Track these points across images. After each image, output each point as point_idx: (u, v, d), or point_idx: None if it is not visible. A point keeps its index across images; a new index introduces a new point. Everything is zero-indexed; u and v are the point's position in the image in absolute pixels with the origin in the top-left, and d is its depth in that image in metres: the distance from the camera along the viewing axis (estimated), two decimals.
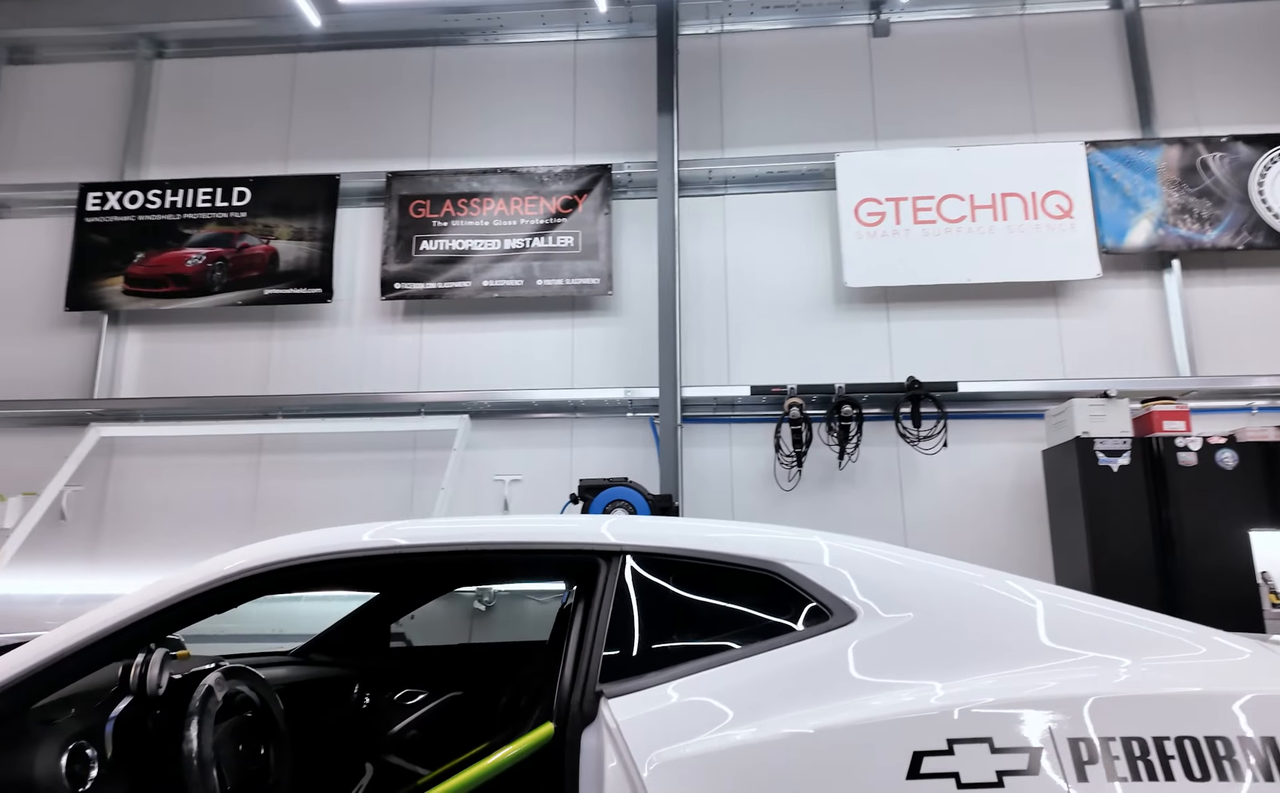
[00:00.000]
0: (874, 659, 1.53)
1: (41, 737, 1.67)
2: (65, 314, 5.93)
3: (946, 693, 1.44)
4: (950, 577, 1.67)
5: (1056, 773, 1.33)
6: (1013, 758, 1.34)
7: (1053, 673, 1.47)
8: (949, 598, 1.61)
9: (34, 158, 6.32)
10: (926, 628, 1.56)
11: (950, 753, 1.35)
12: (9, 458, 5.80)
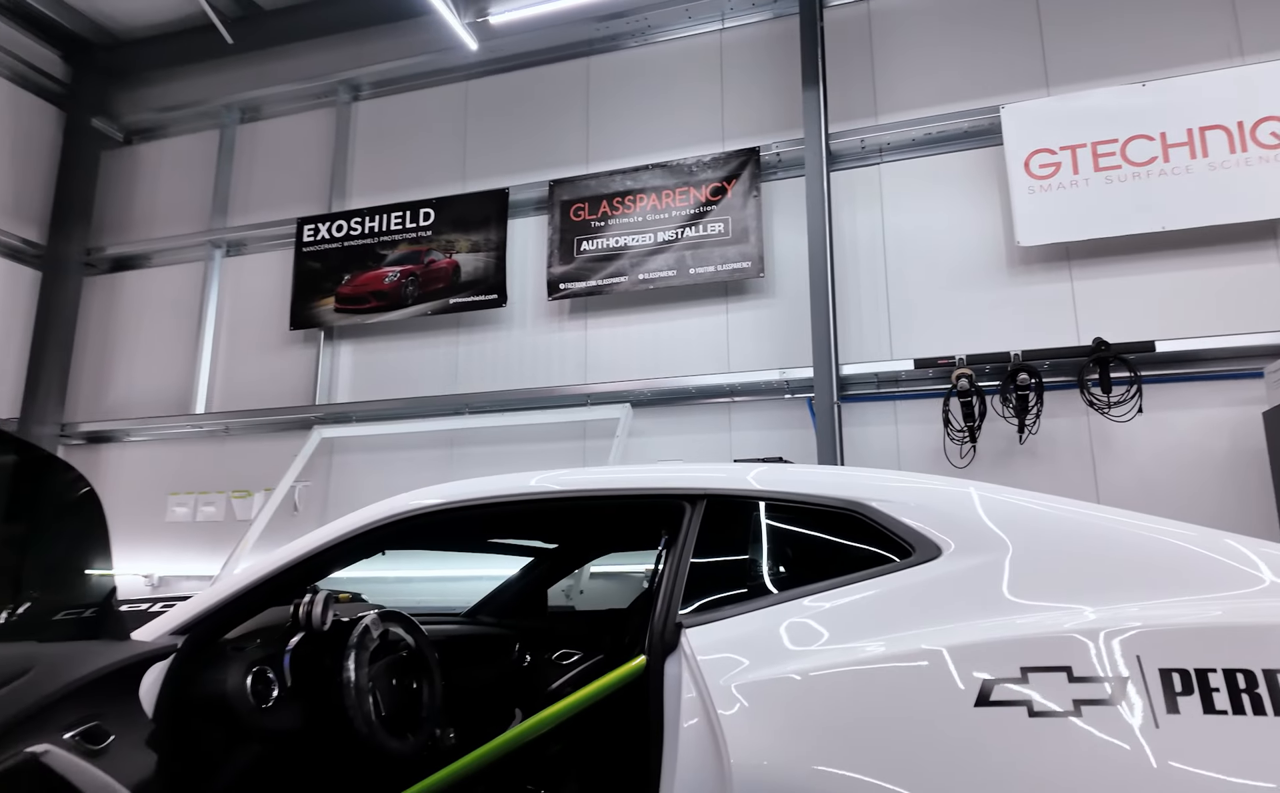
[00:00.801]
0: (954, 594, 1.49)
1: (233, 660, 2.00)
2: (290, 332, 6.88)
3: (1024, 623, 1.38)
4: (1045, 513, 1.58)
5: (1142, 703, 1.24)
6: (1092, 687, 1.27)
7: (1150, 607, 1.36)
8: (1040, 534, 1.54)
9: (263, 200, 7.37)
10: (1012, 564, 1.50)
11: (1023, 681, 1.30)
12: (251, 459, 6.80)
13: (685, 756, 1.49)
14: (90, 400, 7.42)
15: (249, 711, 1.94)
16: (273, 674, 2.06)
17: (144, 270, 7.60)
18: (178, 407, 7.07)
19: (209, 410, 6.96)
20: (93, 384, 7.46)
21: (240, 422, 6.80)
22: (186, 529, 6.71)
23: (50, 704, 1.52)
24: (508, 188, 6.45)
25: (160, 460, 7.02)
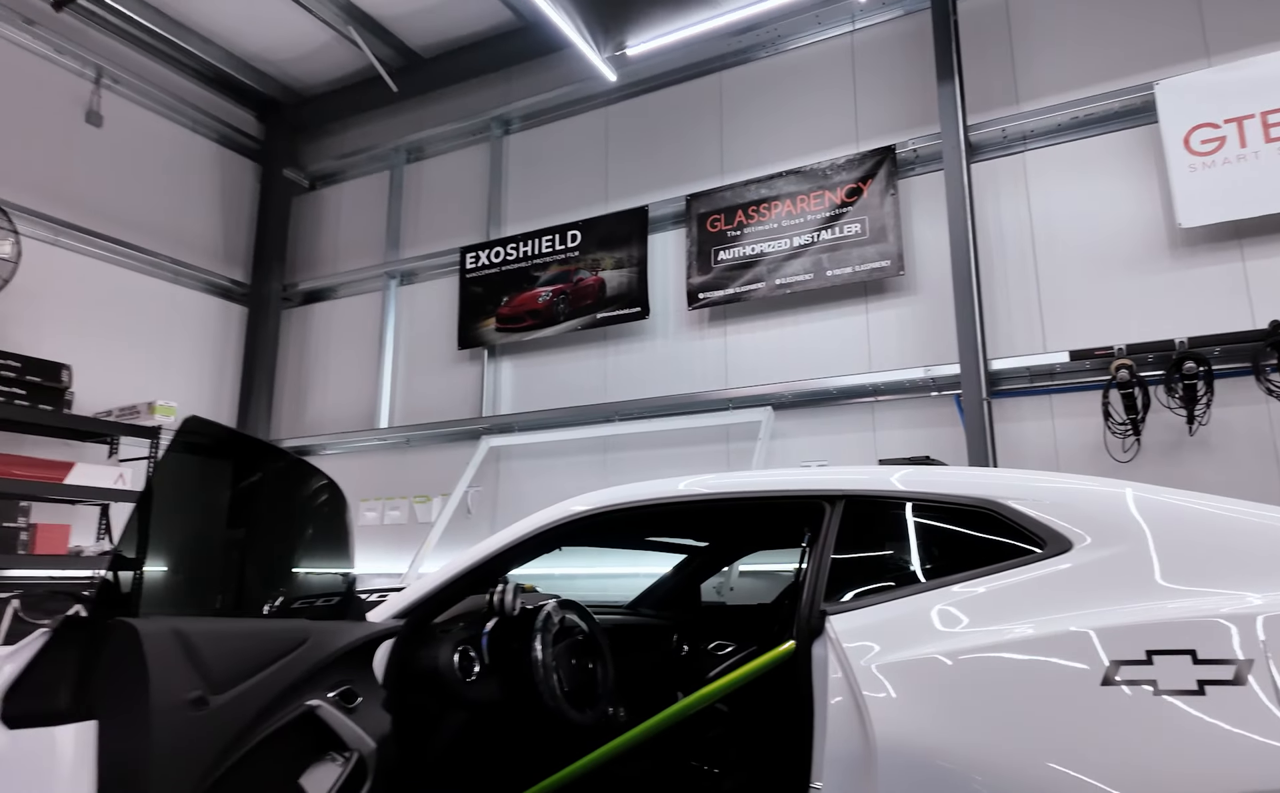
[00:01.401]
0: (1081, 584, 1.61)
1: (442, 640, 2.38)
2: (458, 351, 7.54)
3: (1150, 610, 1.48)
4: (1179, 508, 1.66)
5: (1269, 685, 1.32)
6: (1218, 669, 1.36)
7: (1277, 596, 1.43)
8: (1172, 529, 1.61)
9: (430, 232, 8.11)
10: (1142, 556, 1.59)
11: (1148, 663, 1.41)
12: (429, 467, 7.51)
13: (834, 730, 1.68)
14: (292, 418, 8.44)
15: (457, 683, 2.30)
16: (474, 653, 2.42)
17: (332, 301, 8.55)
18: (365, 422, 7.92)
19: (391, 424, 7.76)
20: (293, 404, 8.48)
21: (418, 434, 7.54)
22: (376, 532, 7.51)
23: (320, 669, 1.93)
24: (647, 205, 6.79)
25: (352, 470, 7.88)
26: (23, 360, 6.30)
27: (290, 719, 1.82)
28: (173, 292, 7.95)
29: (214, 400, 8.21)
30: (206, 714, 1.48)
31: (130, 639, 1.38)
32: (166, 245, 7.88)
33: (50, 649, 1.38)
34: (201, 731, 1.45)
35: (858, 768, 1.60)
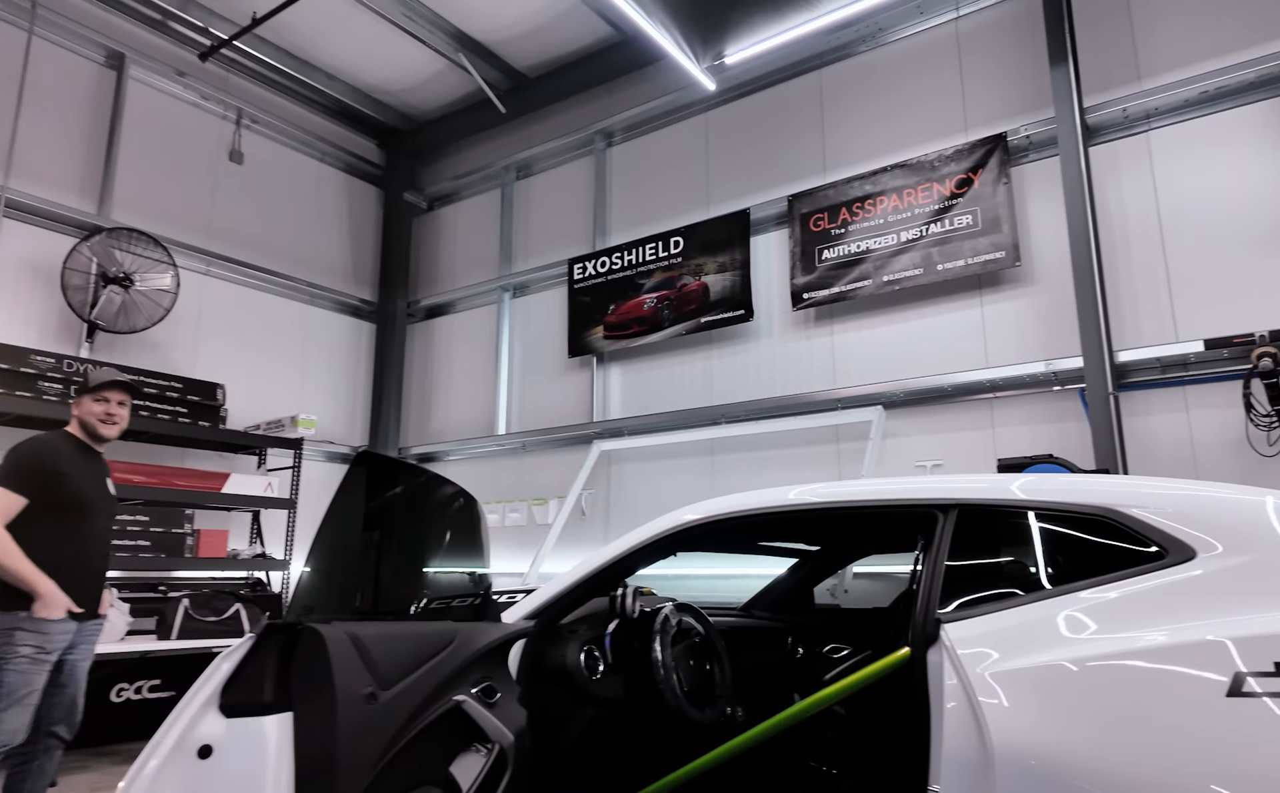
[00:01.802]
0: (1208, 593, 1.59)
1: (569, 640, 2.54)
2: (569, 359, 7.81)
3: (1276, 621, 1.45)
4: None
5: None
6: None
7: None
8: None
9: (539, 246, 8.42)
10: (1264, 566, 1.55)
11: (1276, 675, 1.39)
12: (545, 471, 7.81)
13: (950, 735, 1.72)
14: (418, 427, 8.95)
15: (584, 681, 2.46)
16: (598, 653, 2.57)
17: (451, 315, 9.02)
18: (484, 428, 8.32)
19: (509, 431, 8.12)
20: (420, 413, 8.99)
21: (534, 439, 7.86)
22: (497, 533, 7.87)
23: (465, 667, 2.12)
24: (749, 208, 6.83)
25: (474, 475, 8.29)
26: (184, 382, 6.99)
27: (441, 712, 2.01)
28: (309, 313, 8.59)
29: (348, 413, 8.82)
30: (377, 707, 1.68)
31: (316, 643, 1.60)
32: (303, 270, 8.53)
33: (255, 651, 1.62)
34: (374, 721, 1.66)
35: (975, 773, 1.64)
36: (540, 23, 7.59)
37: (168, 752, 1.49)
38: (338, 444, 8.60)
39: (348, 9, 7.31)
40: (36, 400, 5.99)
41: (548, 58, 8.11)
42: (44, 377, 6.11)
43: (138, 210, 7.21)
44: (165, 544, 6.46)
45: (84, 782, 4.89)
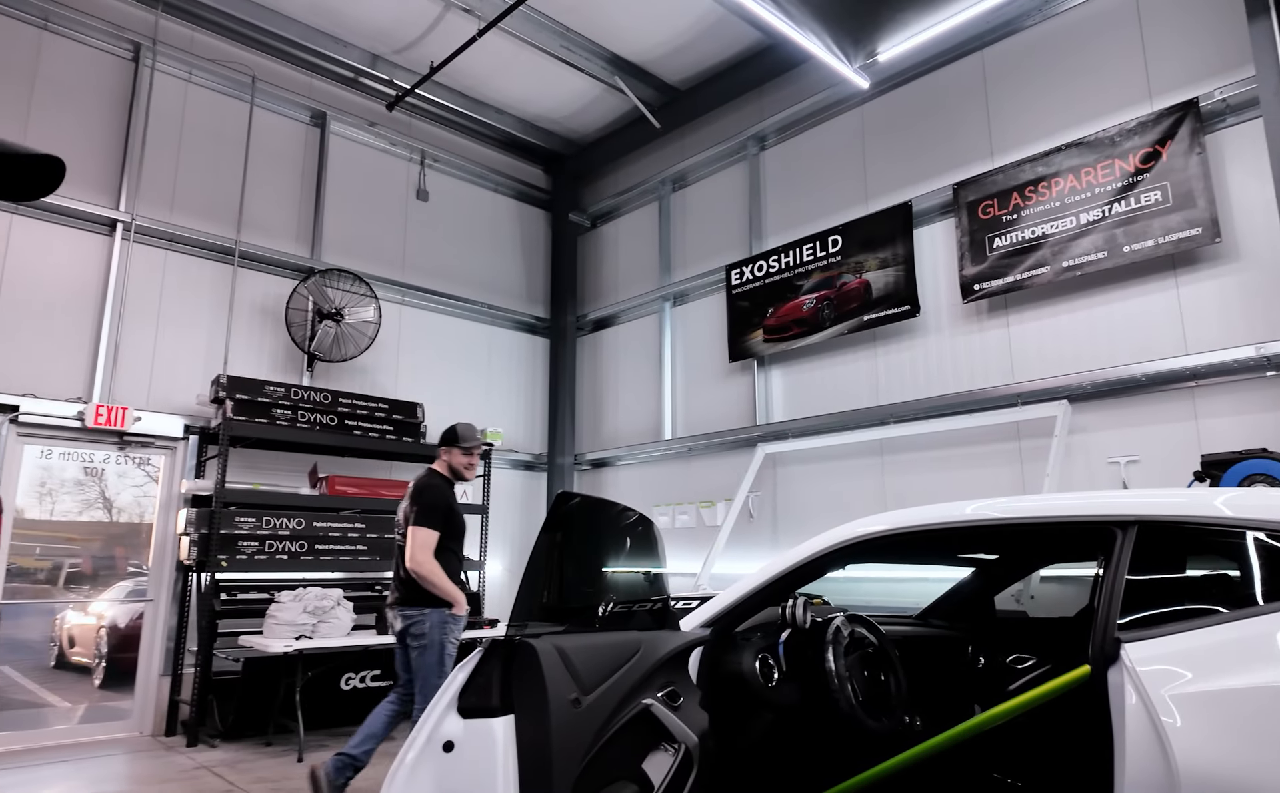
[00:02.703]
0: None
1: (744, 648, 2.69)
2: (729, 364, 7.96)
3: None
4: None
5: None
6: None
7: None
8: None
9: (697, 254, 8.63)
10: None
11: None
12: (711, 474, 8.01)
13: (1133, 755, 1.71)
14: (591, 434, 9.44)
15: (759, 687, 2.60)
16: (772, 661, 2.70)
17: (616, 327, 9.43)
18: (652, 434, 8.65)
19: (675, 435, 8.39)
20: (592, 421, 9.48)
21: (699, 443, 8.08)
22: (667, 534, 8.17)
23: (650, 673, 2.34)
24: (910, 200, 6.67)
25: (644, 479, 8.64)
26: (388, 402, 7.80)
27: (632, 715, 2.23)
28: (490, 332, 9.29)
29: (528, 423, 9.45)
30: (581, 710, 1.92)
31: (531, 656, 1.86)
32: (483, 293, 9.24)
33: (483, 663, 1.91)
34: (579, 722, 1.90)
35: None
36: (690, 38, 7.79)
37: (421, 746, 1.82)
38: (521, 452, 9.24)
39: (513, 49, 7.85)
40: (271, 425, 6.93)
41: (698, 70, 8.29)
42: (276, 404, 7.05)
43: (343, 251, 8.12)
44: (379, 549, 7.26)
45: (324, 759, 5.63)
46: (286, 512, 6.82)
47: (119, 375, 6.64)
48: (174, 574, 6.72)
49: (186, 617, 6.60)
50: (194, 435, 6.96)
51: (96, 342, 6.57)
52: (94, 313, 6.60)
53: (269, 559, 6.64)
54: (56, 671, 10.24)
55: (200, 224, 7.24)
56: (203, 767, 5.40)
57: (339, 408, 7.40)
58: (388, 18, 7.55)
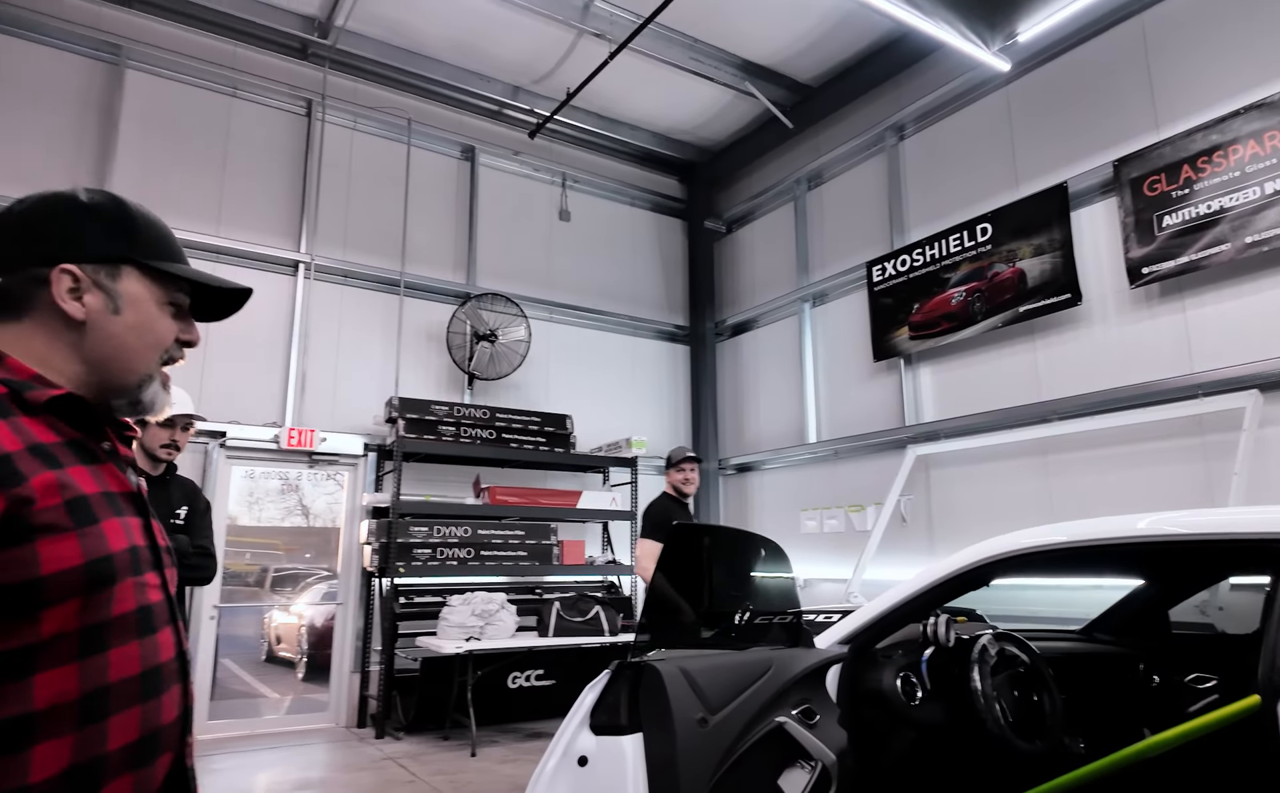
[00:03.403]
0: None
1: (884, 665, 2.68)
2: (874, 364, 7.76)
3: None
4: None
5: None
6: None
7: None
8: None
9: (835, 253, 8.47)
10: None
11: None
12: (859, 477, 7.85)
13: None
14: (734, 439, 9.49)
15: (901, 705, 2.58)
16: (915, 678, 2.67)
17: (755, 331, 9.44)
18: (795, 437, 8.59)
19: (820, 439, 8.29)
20: (734, 425, 9.53)
21: (845, 445, 7.94)
22: (817, 539, 8.09)
23: (783, 691, 2.39)
24: (1065, 181, 6.25)
25: (789, 483, 8.60)
26: (540, 416, 8.22)
27: (764, 733, 2.30)
28: (633, 343, 9.56)
29: (672, 430, 9.64)
30: (708, 730, 2.02)
31: (655, 678, 1.98)
32: (625, 305, 9.52)
33: (612, 683, 2.06)
34: (706, 741, 2.00)
35: None
36: (818, 35, 7.67)
37: (558, 758, 1.98)
38: None
39: (645, 67, 8.05)
40: (437, 441, 7.50)
41: (829, 66, 8.15)
42: (442, 421, 7.62)
43: (495, 275, 8.64)
44: (537, 554, 7.68)
45: (495, 754, 6.05)
46: (454, 521, 7.36)
47: (306, 400, 7.41)
48: (359, 579, 7.42)
49: (371, 618, 7.27)
50: (372, 453, 7.66)
51: (287, 371, 7.38)
52: (284, 346, 7.41)
53: (440, 565, 7.20)
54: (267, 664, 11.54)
55: (369, 259, 7.95)
56: (388, 758, 5.95)
57: (496, 423, 7.89)
58: (526, 51, 7.96)
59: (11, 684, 0.89)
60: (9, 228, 1.08)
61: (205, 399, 6.82)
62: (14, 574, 0.89)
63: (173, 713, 1.07)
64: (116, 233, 1.12)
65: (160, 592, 1.09)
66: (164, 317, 1.17)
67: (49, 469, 0.95)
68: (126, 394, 1.14)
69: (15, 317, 1.06)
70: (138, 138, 7.02)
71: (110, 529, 1.00)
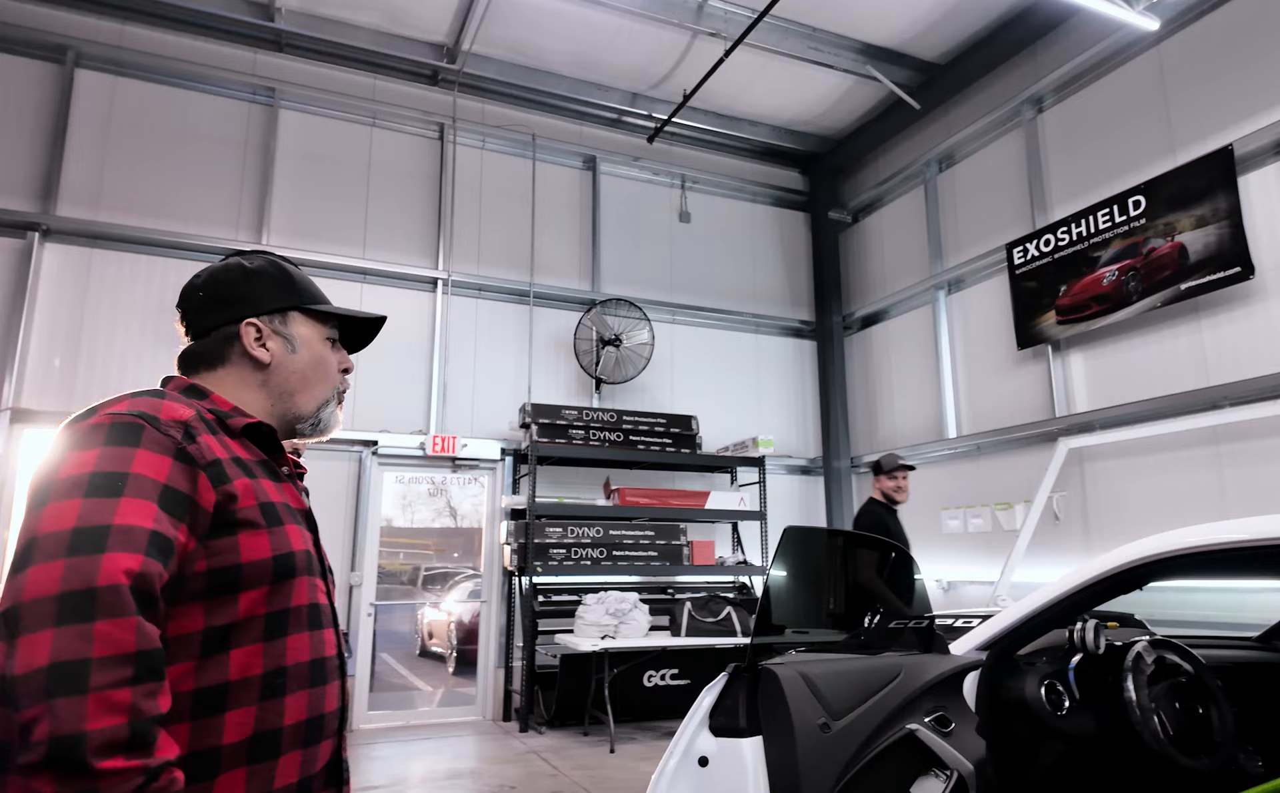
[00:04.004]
0: None
1: (1027, 672, 2.54)
2: (1018, 352, 7.32)
3: None
4: None
5: None
6: None
7: None
8: None
9: (970, 236, 8.07)
10: None
11: None
12: (1004, 473, 7.43)
13: None
14: (866, 436, 9.23)
15: (1047, 715, 2.44)
16: (1061, 687, 2.52)
17: (885, 322, 9.13)
18: (933, 432, 8.24)
19: (960, 433, 7.92)
20: (866, 422, 9.26)
21: (988, 440, 7.54)
22: (960, 540, 7.73)
23: (914, 698, 2.32)
24: (1230, 144, 5.67)
25: (928, 480, 8.26)
26: (666, 417, 8.31)
27: (894, 740, 2.24)
28: (756, 341, 9.47)
29: (800, 428, 9.49)
30: (831, 735, 1.99)
31: (773, 682, 1.98)
32: (747, 303, 9.46)
33: (729, 687, 2.07)
34: (829, 747, 1.97)
35: None
36: (944, 11, 7.33)
37: (679, 757, 2.01)
38: (795, 458, 9.30)
39: (761, 61, 7.97)
40: (569, 444, 7.74)
41: (957, 41, 7.76)
42: (572, 425, 7.86)
43: (617, 280, 8.81)
44: (667, 554, 7.76)
45: (634, 750, 6.17)
46: (587, 522, 7.57)
47: (448, 409, 7.84)
48: (501, 578, 7.77)
49: (513, 616, 7.59)
50: (509, 457, 8.00)
51: (429, 382, 7.83)
52: (426, 358, 7.87)
53: (575, 565, 7.42)
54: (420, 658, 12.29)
55: (501, 272, 8.30)
56: (532, 751, 6.19)
57: (624, 425, 8.04)
58: (643, 57, 8.07)
59: (214, 657, 1.05)
60: (197, 303, 1.30)
61: (358, 411, 7.36)
62: (223, 560, 1.06)
63: (334, 704, 1.20)
64: (281, 287, 1.34)
65: (325, 596, 1.24)
66: (327, 349, 1.38)
67: (246, 476, 1.14)
68: (309, 418, 1.35)
69: (212, 368, 1.28)
70: (291, 172, 7.66)
71: (291, 532, 1.17)
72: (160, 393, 1.15)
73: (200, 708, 1.03)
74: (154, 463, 1.03)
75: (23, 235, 6.67)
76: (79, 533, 0.93)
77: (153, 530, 0.97)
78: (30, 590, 0.90)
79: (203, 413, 1.16)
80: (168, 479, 1.03)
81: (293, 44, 7.76)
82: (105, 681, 0.87)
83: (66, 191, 6.86)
